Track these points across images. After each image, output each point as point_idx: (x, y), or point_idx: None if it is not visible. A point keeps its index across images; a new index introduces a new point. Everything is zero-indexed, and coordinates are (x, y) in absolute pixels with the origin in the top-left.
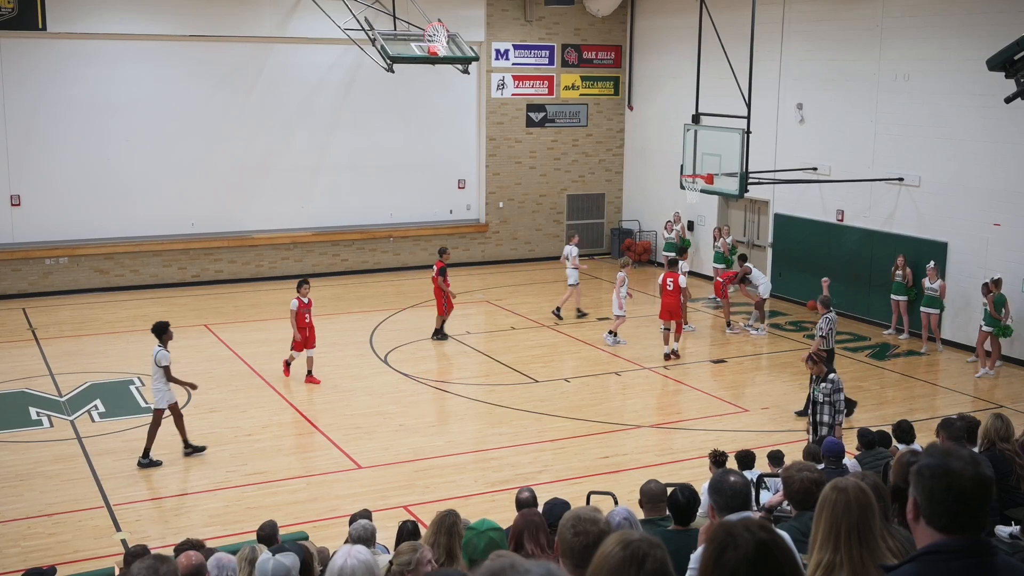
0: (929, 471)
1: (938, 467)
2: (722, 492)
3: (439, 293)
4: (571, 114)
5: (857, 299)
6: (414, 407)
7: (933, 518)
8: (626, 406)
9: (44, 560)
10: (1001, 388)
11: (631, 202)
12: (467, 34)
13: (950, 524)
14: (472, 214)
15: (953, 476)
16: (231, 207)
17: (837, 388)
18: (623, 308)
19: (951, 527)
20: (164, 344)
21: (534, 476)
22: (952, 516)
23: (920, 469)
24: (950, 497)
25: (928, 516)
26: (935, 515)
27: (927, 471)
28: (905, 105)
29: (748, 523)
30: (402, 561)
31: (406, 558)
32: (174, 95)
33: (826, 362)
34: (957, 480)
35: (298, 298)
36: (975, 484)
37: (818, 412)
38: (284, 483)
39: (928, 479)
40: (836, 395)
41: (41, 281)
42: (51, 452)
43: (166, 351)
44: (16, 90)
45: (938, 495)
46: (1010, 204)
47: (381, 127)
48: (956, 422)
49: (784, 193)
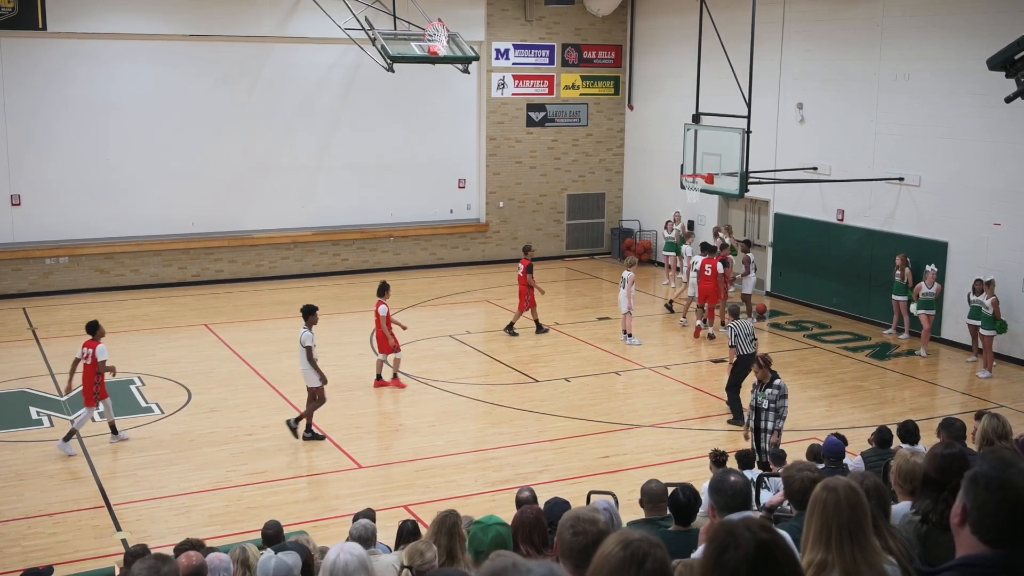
0: (985, 480)
1: (996, 478)
2: (722, 492)
3: (524, 290)
4: (571, 114)
5: (857, 299)
6: (414, 407)
7: (981, 529)
8: (626, 406)
9: (44, 560)
10: (1001, 388)
11: (631, 202)
12: (467, 34)
13: (997, 537)
14: (472, 214)
15: (1010, 490)
16: (231, 207)
17: (783, 394)
18: (630, 306)
19: (997, 540)
20: (309, 326)
21: (534, 476)
22: (1001, 530)
23: (976, 477)
24: (1003, 511)
25: (975, 526)
26: (984, 526)
27: (983, 480)
28: (905, 105)
29: (749, 523)
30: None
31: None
32: (174, 95)
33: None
34: (1014, 494)
35: (384, 302)
36: None
37: (762, 418)
38: (284, 483)
39: (983, 489)
40: (781, 401)
41: (41, 281)
42: (51, 452)
43: (310, 332)
44: (16, 90)
45: (990, 507)
46: (1010, 204)
47: (381, 127)
48: (956, 422)
49: (784, 193)
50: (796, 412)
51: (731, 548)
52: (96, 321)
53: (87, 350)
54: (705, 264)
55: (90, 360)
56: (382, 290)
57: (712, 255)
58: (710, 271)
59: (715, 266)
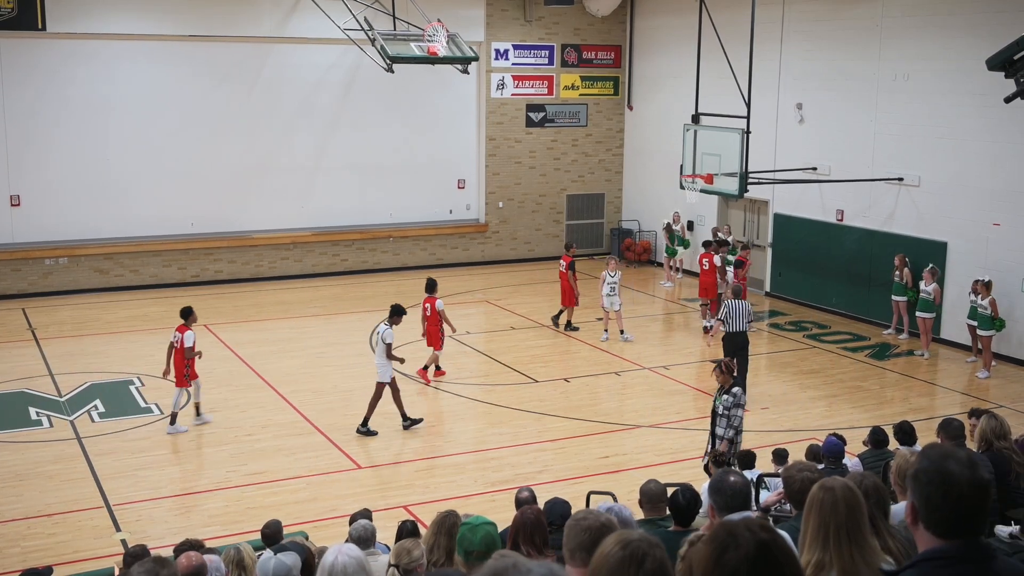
0: (926, 476)
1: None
2: (722, 492)
3: (568, 286)
4: (571, 114)
5: (857, 299)
6: (414, 407)
7: (931, 523)
8: (626, 406)
9: (44, 560)
10: (1000, 388)
11: (631, 202)
12: (467, 34)
13: (948, 530)
14: (472, 214)
15: (950, 481)
16: (231, 207)
17: (737, 403)
18: (611, 304)
19: (949, 532)
20: (391, 324)
21: (534, 476)
22: (950, 522)
23: (916, 474)
24: (947, 503)
25: (926, 521)
26: (932, 521)
27: (923, 476)
28: (905, 105)
29: (749, 523)
30: (414, 557)
31: (418, 552)
32: (174, 95)
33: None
34: (954, 486)
35: (437, 298)
36: (973, 488)
37: (716, 423)
38: (284, 483)
39: (925, 484)
40: (735, 410)
41: (41, 281)
42: (51, 452)
43: (391, 330)
44: (16, 90)
45: (935, 501)
46: (1010, 204)
47: (381, 127)
48: (954, 422)
49: (784, 193)
50: (796, 412)
51: (731, 548)
52: (190, 307)
53: (178, 335)
54: (703, 259)
55: (179, 344)
56: (432, 287)
57: (708, 250)
58: (708, 265)
59: (712, 260)
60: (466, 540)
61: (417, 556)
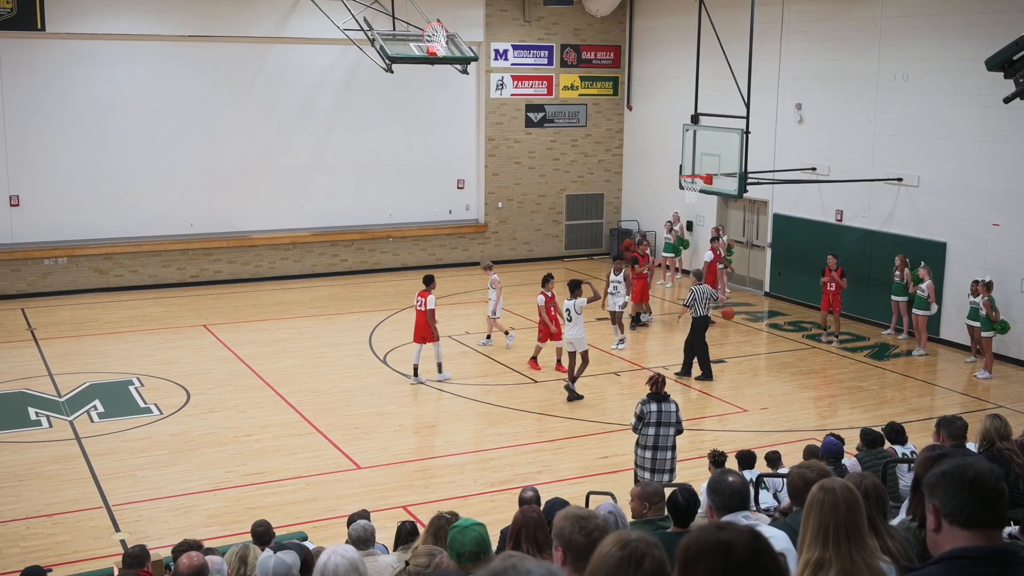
0: (942, 473)
1: (953, 467)
2: (720, 492)
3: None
4: (570, 114)
5: (856, 299)
6: (413, 407)
7: (957, 517)
8: (626, 406)
9: (43, 560)
10: (1000, 388)
11: (630, 202)
12: (466, 34)
13: (970, 517)
14: (471, 214)
15: (968, 470)
16: (230, 207)
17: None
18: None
19: (972, 521)
20: (575, 296)
21: (534, 476)
22: (973, 509)
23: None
24: (969, 490)
25: (951, 517)
26: (956, 512)
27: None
28: (904, 105)
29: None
30: (420, 563)
31: (424, 560)
32: (173, 95)
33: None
34: (972, 472)
35: (543, 292)
36: (988, 473)
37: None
38: (284, 483)
39: (945, 481)
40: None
41: (40, 281)
42: (50, 452)
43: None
44: (15, 90)
45: (954, 491)
46: (1010, 204)
47: (380, 127)
48: (957, 421)
49: (783, 193)
50: (796, 412)
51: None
52: (431, 275)
53: (420, 299)
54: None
55: (423, 307)
56: (546, 280)
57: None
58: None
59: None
60: (456, 542)
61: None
